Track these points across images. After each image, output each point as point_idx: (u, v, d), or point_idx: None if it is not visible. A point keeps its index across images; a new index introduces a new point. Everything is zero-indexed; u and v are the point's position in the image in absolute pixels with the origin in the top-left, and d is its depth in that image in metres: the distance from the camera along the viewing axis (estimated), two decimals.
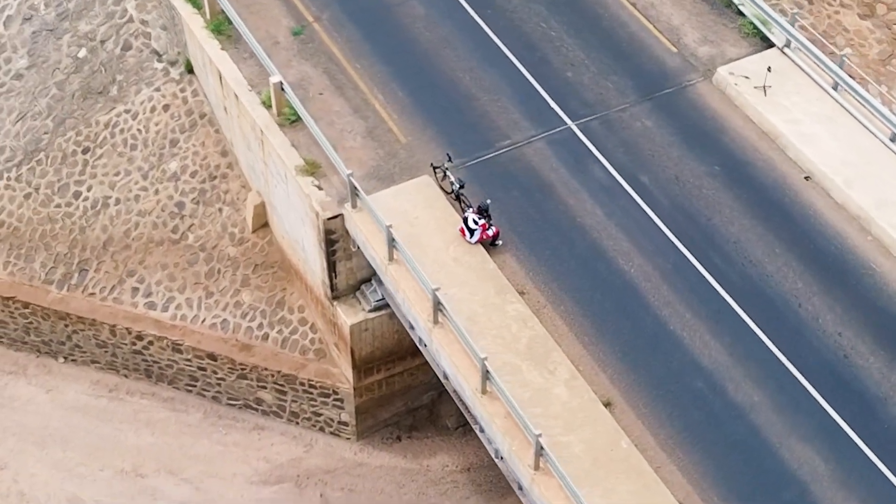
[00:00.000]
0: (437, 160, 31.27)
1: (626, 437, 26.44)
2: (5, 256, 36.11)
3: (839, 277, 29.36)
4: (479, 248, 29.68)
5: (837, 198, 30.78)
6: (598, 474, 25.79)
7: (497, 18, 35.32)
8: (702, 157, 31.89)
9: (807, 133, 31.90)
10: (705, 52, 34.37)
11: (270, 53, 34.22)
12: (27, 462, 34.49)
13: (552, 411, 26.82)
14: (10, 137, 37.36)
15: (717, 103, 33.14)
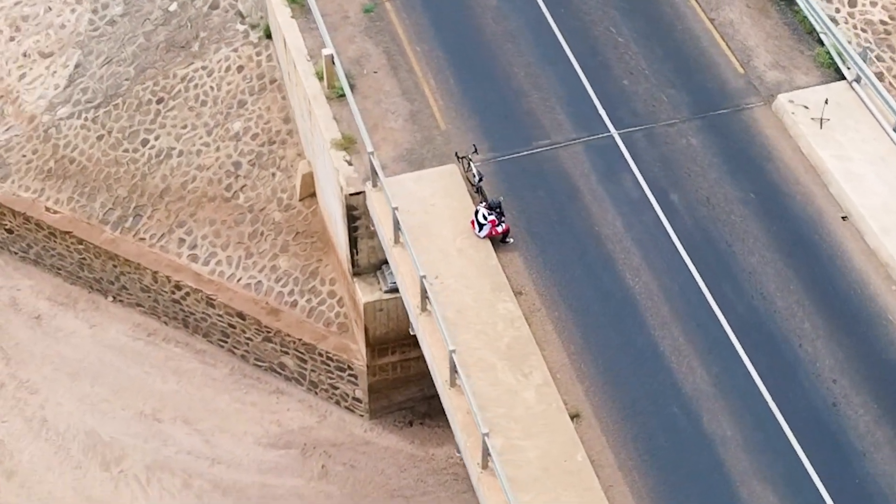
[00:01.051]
0: (465, 150, 31.21)
1: (583, 450, 26.06)
2: (70, 192, 37.55)
3: (850, 324, 28.27)
4: (486, 243, 29.57)
5: (871, 242, 29.60)
6: (546, 483, 25.50)
7: (568, 18, 35.02)
8: (740, 182, 31.06)
9: (854, 172, 30.74)
10: (773, 76, 33.39)
11: (337, 27, 34.71)
12: (57, 391, 35.86)
13: (515, 414, 26.62)
14: (94, 80, 38.80)
15: (770, 130, 32.20)
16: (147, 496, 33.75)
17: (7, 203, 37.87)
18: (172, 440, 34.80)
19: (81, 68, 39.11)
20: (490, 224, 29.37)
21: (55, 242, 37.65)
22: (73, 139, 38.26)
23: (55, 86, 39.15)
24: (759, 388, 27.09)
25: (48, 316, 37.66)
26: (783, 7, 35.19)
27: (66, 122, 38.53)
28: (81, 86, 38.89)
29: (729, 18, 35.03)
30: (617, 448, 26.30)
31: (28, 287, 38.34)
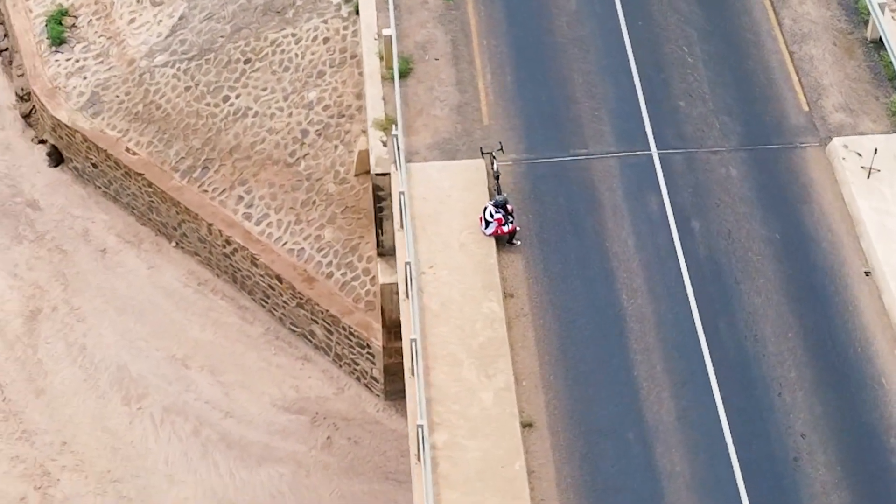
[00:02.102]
0: (489, 146, 31.16)
1: (523, 460, 25.81)
2: (150, 137, 39.01)
3: (839, 381, 27.18)
4: (490, 241, 29.47)
5: (886, 301, 28.34)
6: (476, 485, 25.39)
7: (643, 31, 34.48)
8: (769, 220, 30.12)
9: (890, 227, 29.46)
10: (838, 119, 32.21)
11: (413, 11, 35.04)
12: (102, 323, 37.38)
13: (469, 413, 26.55)
14: (193, 33, 40.16)
15: (816, 173, 31.11)
16: (157, 436, 34.91)
17: (93, 138, 39.56)
18: (194, 387, 35.88)
19: (184, 20, 40.52)
20: (496, 222, 29.28)
21: (130, 182, 39.19)
22: (163, 87, 39.70)
23: (158, 34, 40.67)
24: (722, 429, 26.33)
25: (113, 251, 39.22)
26: (871, 50, 33.88)
27: (160, 70, 40.00)
28: (181, 37, 40.30)
29: (810, 54, 33.88)
30: (561, 463, 25.96)
31: (102, 221, 39.98)
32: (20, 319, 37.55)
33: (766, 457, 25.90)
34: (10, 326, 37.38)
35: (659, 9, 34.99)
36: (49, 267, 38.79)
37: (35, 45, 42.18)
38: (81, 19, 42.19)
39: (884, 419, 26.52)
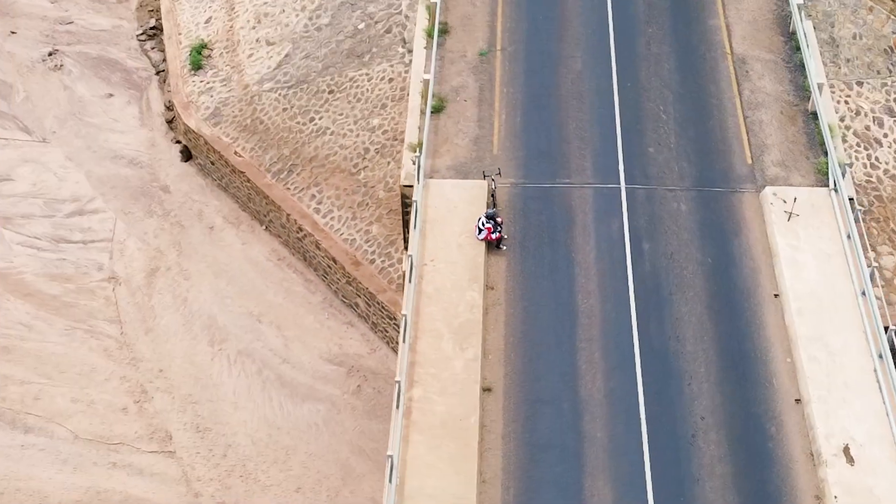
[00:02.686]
0: (490, 170, 31.13)
1: (478, 415, 25.82)
2: (252, 144, 39.68)
3: (738, 378, 26.69)
4: (481, 244, 29.45)
5: (786, 319, 27.72)
6: (437, 432, 25.47)
7: (630, 91, 34.08)
8: (705, 247, 29.60)
9: (799, 260, 28.78)
10: (774, 172, 31.51)
11: (454, 62, 35.11)
12: (202, 282, 38.14)
13: (442, 375, 26.64)
14: (293, 67, 40.75)
15: (749, 213, 30.48)
16: (230, 372, 35.51)
17: (212, 142, 40.37)
18: (263, 338, 36.41)
19: (288, 58, 41.13)
20: (486, 230, 29.26)
21: (235, 177, 39.92)
22: (266, 107, 40.34)
23: (268, 66, 41.35)
24: (639, 408, 26.03)
25: (218, 228, 39.97)
26: (809, 119, 33.04)
27: (266, 94, 40.66)
28: (284, 70, 40.92)
29: (761, 119, 33.17)
30: (508, 421, 25.91)
31: (213, 205, 40.76)
32: (142, 274, 38.50)
33: (670, 432, 25.55)
34: (134, 279, 38.35)
35: (646, 74, 34.56)
36: (169, 237, 39.70)
37: (180, 68, 43.17)
38: (215, 52, 43.09)
39: (768, 411, 26.00)
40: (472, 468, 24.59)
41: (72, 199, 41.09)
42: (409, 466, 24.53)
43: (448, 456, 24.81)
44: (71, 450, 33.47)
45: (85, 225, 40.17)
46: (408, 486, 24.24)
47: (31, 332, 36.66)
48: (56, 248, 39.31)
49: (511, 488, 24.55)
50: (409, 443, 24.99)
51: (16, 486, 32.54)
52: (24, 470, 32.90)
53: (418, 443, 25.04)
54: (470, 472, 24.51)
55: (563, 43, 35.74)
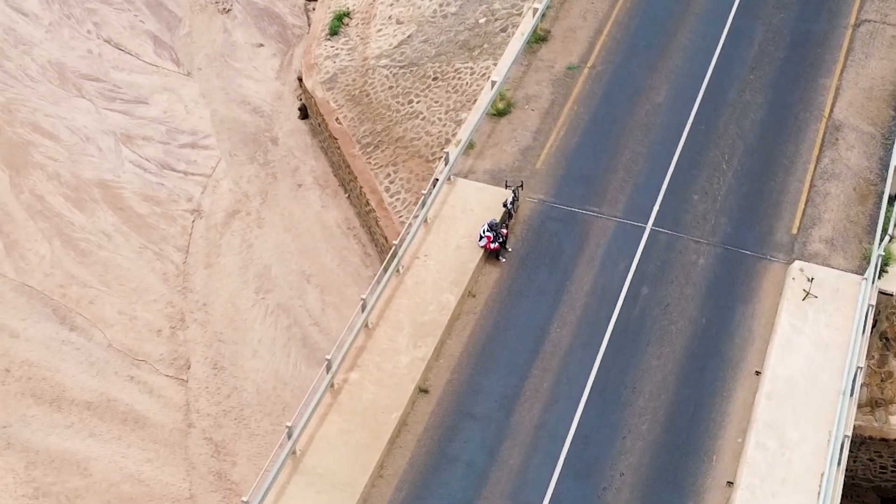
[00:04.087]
0: (514, 182, 30.81)
1: (401, 413, 25.91)
2: (353, 114, 40.88)
3: (680, 444, 25.56)
4: (481, 251, 29.31)
5: (755, 397, 26.09)
6: (356, 418, 25.83)
7: (701, 133, 32.76)
8: (705, 306, 28.26)
9: (794, 343, 26.97)
10: (815, 248, 29.52)
11: (539, 70, 34.99)
12: (271, 233, 39.62)
13: (384, 366, 26.93)
14: (410, 49, 41.60)
15: (768, 283, 28.76)
16: (262, 321, 37.00)
17: (320, 105, 41.92)
18: (304, 297, 37.66)
19: (409, 39, 42.00)
20: (486, 239, 29.10)
21: (331, 142, 41.31)
22: (375, 82, 41.43)
23: (389, 44, 42.39)
24: (563, 446, 25.33)
25: (305, 187, 41.54)
26: (880, 202, 30.61)
27: (379, 70, 41.74)
28: (401, 50, 41.84)
29: (828, 191, 31.10)
30: (429, 426, 25.98)
31: (310, 165, 42.33)
32: (223, 214, 40.62)
33: (583, 478, 24.81)
34: (214, 217, 40.54)
35: (725, 120, 33.09)
36: (260, 185, 41.61)
37: (320, 31, 44.93)
38: (353, 21, 44.54)
39: (693, 486, 24.79)
40: (372, 461, 24.78)
41: (190, 132, 43.79)
42: (315, 443, 25.04)
43: (354, 443, 25.10)
44: (101, 355, 36.02)
45: (192, 157, 42.75)
46: (305, 460, 24.75)
47: (109, 242, 39.56)
48: (159, 173, 42.09)
49: (404, 490, 24.56)
50: (325, 421, 25.45)
51: (42, 375, 35.41)
52: (55, 363, 35.73)
53: (333, 423, 25.46)
54: (369, 464, 24.71)
55: (654, 72, 34.73)
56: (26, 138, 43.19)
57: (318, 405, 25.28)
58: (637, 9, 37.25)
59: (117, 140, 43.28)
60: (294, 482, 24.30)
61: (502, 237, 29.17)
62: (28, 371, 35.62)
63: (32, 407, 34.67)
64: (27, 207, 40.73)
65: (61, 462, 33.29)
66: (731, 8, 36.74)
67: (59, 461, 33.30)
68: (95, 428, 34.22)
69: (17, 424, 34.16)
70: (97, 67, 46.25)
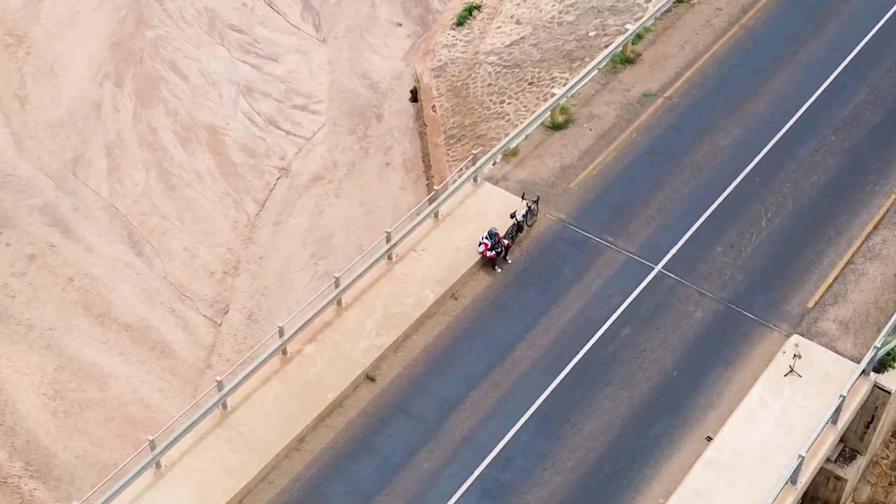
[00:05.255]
0: (530, 194, 30.35)
1: (339, 393, 26.18)
2: (449, 104, 41.31)
3: (599, 490, 24.62)
4: (478, 257, 29.11)
5: (684, 460, 24.77)
6: (294, 388, 26.34)
7: (752, 185, 31.24)
8: (682, 359, 27.11)
9: (756, 416, 25.57)
10: (825, 327, 27.66)
11: (613, 91, 34.28)
12: (345, 204, 40.51)
13: (342, 345, 27.28)
14: (518, 51, 41.51)
15: (759, 351, 27.23)
16: (308, 283, 37.91)
17: (423, 90, 42.62)
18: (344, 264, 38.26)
19: (523, 40, 41.90)
20: (483, 245, 28.89)
21: (423, 128, 41.87)
22: (478, 77, 41.63)
23: (502, 42, 42.44)
24: (480, 464, 25.03)
25: (391, 167, 42.11)
26: None
27: (485, 66, 41.90)
28: (511, 50, 41.81)
29: (864, 271, 29.10)
30: (363, 413, 26.16)
31: (403, 147, 42.81)
32: (307, 177, 41.99)
33: (491, 497, 24.30)
34: (300, 178, 41.97)
35: (785, 177, 31.37)
36: (349, 158, 42.69)
37: (448, 20, 45.53)
38: (480, 15, 44.82)
39: None
40: (294, 433, 25.26)
41: (305, 95, 45.39)
42: (249, 402, 25.80)
43: (285, 412, 25.66)
44: (154, 284, 38.18)
45: (298, 119, 44.34)
46: (234, 415, 25.55)
47: (198, 182, 41.74)
48: (265, 128, 43.92)
49: (315, 468, 24.95)
50: (267, 385, 26.13)
51: (98, 291, 37.92)
52: (114, 282, 38.17)
53: (272, 389, 26.13)
54: (289, 434, 25.20)
55: (730, 114, 33.29)
56: (161, 74, 46.02)
57: (259, 367, 25.96)
58: (741, 47, 35.70)
59: (238, 90, 45.40)
60: (215, 434, 25.16)
61: (501, 247, 28.87)
62: (88, 284, 38.21)
63: (80, 317, 37.18)
64: (139, 137, 43.46)
65: (86, 373, 35.61)
66: (841, 63, 34.59)
67: (85, 371, 35.63)
68: (126, 349, 36.33)
69: (62, 329, 36.74)
70: (245, 21, 48.60)
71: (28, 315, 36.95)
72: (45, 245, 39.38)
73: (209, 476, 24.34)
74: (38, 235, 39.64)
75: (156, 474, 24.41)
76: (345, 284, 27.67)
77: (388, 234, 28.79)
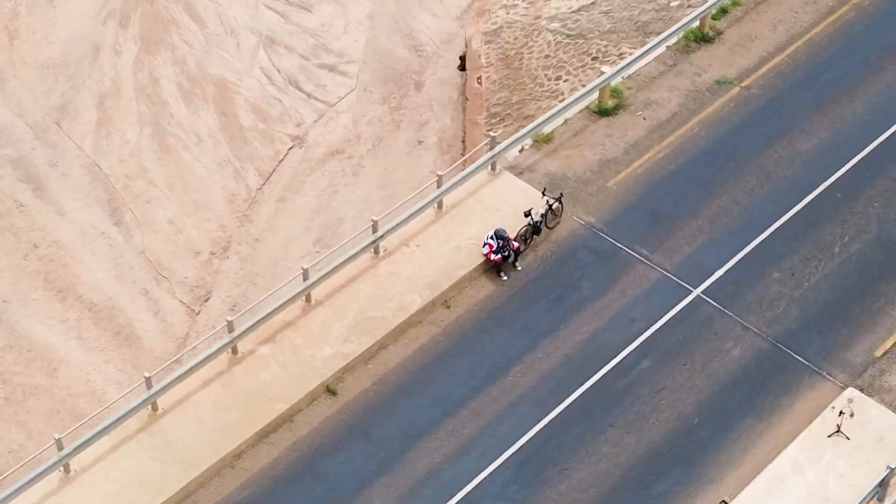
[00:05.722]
0: (553, 191, 30.07)
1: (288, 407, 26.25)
2: (497, 77, 41.15)
3: None
4: (482, 259, 28.94)
5: None
6: (240, 397, 26.46)
7: (830, 202, 30.52)
8: (706, 407, 26.63)
9: (787, 482, 24.91)
10: (891, 382, 26.72)
11: (679, 74, 33.95)
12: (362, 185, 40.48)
13: (301, 350, 27.40)
14: (585, 19, 41.10)
15: (804, 403, 26.59)
16: None
17: (471, 58, 42.56)
18: None
19: (593, 5, 41.52)
20: (488, 247, 28.69)
21: (464, 102, 41.86)
22: (535, 46, 41.39)
23: (570, 7, 42.13)
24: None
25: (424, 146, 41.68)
26: None
27: (545, 33, 41.63)
28: (577, 17, 41.47)
29: None
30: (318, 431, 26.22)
31: (441, 123, 42.35)
32: (324, 150, 42.04)
33: None
34: (315, 150, 42.14)
35: (871, 196, 30.60)
36: (376, 131, 42.75)
37: None
38: None
39: None
40: (228, 447, 25.48)
41: (336, 54, 45.69)
42: (182, 406, 26.13)
43: (224, 422, 25.90)
44: (129, 260, 38.83)
45: (323, 81, 44.68)
46: (163, 420, 25.90)
47: (197, 145, 42.34)
48: (282, 88, 44.35)
49: (247, 491, 25.13)
50: (207, 387, 26.43)
51: (64, 261, 38.74)
52: (83, 253, 38.94)
53: (213, 392, 26.41)
54: (224, 449, 25.41)
55: (818, 113, 32.61)
56: (174, 16, 46.83)
57: (199, 366, 26.27)
58: (846, 33, 34.84)
59: (260, 42, 45.91)
60: (138, 439, 25.55)
61: (510, 250, 28.65)
62: (54, 253, 39.03)
63: (39, 290, 38.02)
64: (138, 87, 44.24)
65: (36, 355, 36.42)
66: None
67: (35, 353, 36.44)
68: (86, 331, 37.04)
69: (17, 303, 37.67)
70: None
71: None
72: (13, 203, 40.38)
73: (122, 487, 24.74)
74: (7, 192, 40.67)
75: (62, 479, 24.89)
76: (314, 278, 27.80)
77: (374, 223, 28.78)
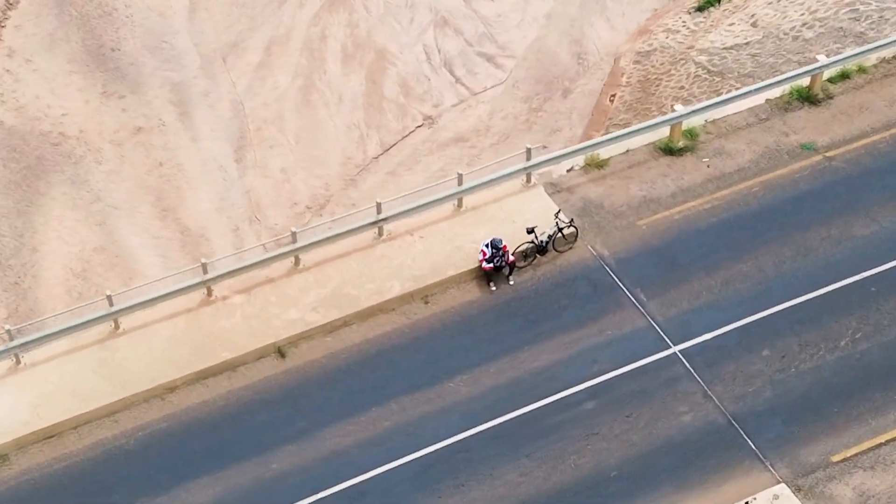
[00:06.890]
0: (565, 216, 29.60)
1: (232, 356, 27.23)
2: (630, 98, 40.66)
3: None
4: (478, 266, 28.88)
5: None
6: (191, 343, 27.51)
7: (861, 295, 28.55)
8: (629, 464, 25.83)
9: None
10: (841, 495, 25.20)
11: (767, 130, 32.44)
12: None
13: (269, 305, 28.12)
14: (731, 58, 39.83)
15: (730, 488, 25.41)
16: None
17: (614, 73, 42.21)
18: None
19: (745, 46, 39.95)
20: (482, 254, 28.60)
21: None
22: (674, 76, 40.42)
23: (722, 43, 40.71)
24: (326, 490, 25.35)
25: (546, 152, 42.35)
26: None
27: (689, 64, 40.43)
28: (724, 55, 40.15)
29: None
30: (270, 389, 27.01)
31: (574, 132, 42.52)
32: (451, 134, 42.14)
33: None
34: (442, 134, 42.08)
35: None
36: (507, 127, 41.81)
37: (690, 1, 44.35)
38: (725, 5, 43.15)
39: None
40: (164, 378, 26.69)
41: (499, 45, 45.89)
42: (141, 331, 27.63)
43: (170, 355, 27.20)
44: (234, 197, 39.81)
45: (476, 69, 45.15)
46: (121, 338, 27.49)
47: (336, 104, 43.48)
48: (436, 68, 45.11)
49: (166, 423, 26.29)
50: (169, 321, 27.73)
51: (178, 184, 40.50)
52: (197, 181, 40.94)
53: (172, 325, 27.71)
54: (159, 379, 26.67)
55: (893, 201, 30.48)
56: None
57: (168, 296, 27.66)
58: None
59: (433, 20, 46.82)
60: (91, 350, 27.23)
61: (504, 262, 28.46)
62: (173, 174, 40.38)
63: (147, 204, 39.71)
64: (307, 40, 45.78)
65: (120, 261, 37.88)
66: None
67: (120, 260, 38.01)
68: (172, 252, 38.44)
69: (125, 212, 39.61)
70: None
71: (102, 186, 40.80)
72: (157, 121, 43.07)
73: (58, 388, 26.47)
74: (157, 110, 43.41)
75: (12, 368, 26.87)
76: (302, 243, 28.55)
77: (378, 205, 29.19)
